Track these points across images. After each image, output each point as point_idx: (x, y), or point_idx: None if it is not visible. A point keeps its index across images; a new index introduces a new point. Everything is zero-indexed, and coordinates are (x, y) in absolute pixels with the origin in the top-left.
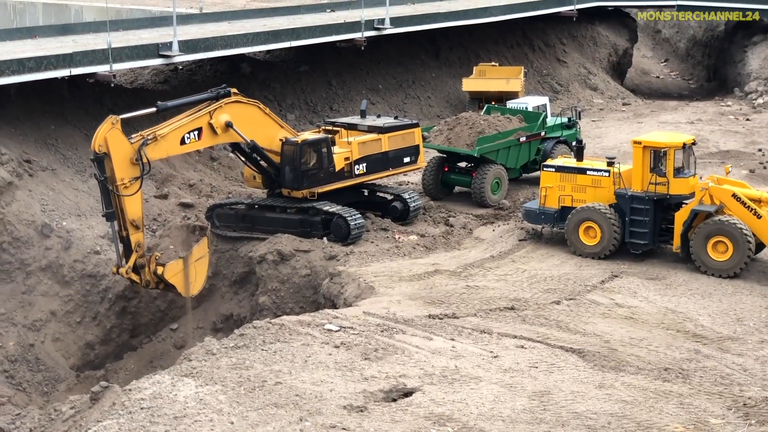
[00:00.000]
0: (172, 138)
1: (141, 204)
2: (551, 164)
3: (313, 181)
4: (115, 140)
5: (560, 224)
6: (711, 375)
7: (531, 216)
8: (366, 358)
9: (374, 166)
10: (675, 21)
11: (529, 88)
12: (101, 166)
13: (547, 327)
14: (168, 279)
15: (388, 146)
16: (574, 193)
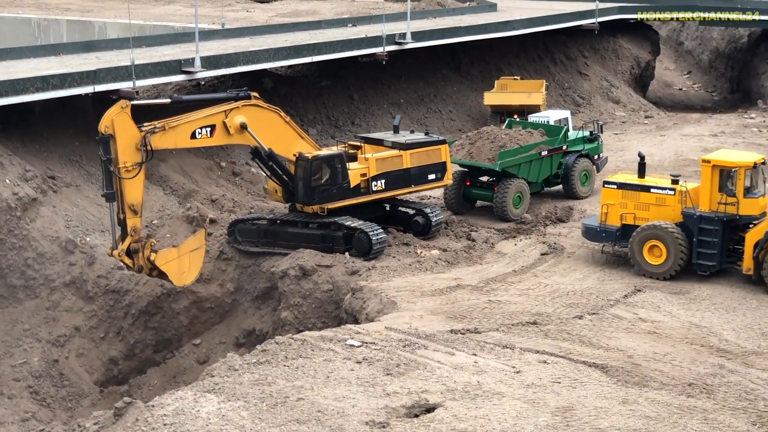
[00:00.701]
0: (183, 131)
1: (141, 190)
2: (613, 181)
3: (325, 196)
4: (121, 124)
5: (622, 242)
6: (735, 390)
7: (591, 233)
8: (388, 374)
9: (394, 182)
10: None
11: (551, 102)
12: (106, 147)
13: (569, 342)
14: (160, 266)
15: (410, 163)
16: (636, 210)
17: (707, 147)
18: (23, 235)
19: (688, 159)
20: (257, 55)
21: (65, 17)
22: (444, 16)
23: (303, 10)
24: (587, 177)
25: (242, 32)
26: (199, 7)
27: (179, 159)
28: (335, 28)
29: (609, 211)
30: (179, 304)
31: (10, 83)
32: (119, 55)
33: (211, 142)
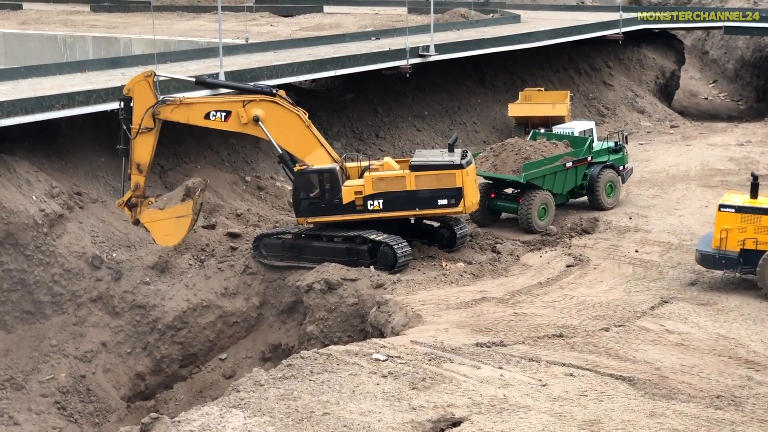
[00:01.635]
0: (198, 109)
1: (149, 153)
2: (730, 204)
3: (312, 210)
4: (140, 90)
5: (745, 268)
6: (764, 402)
7: (709, 261)
8: (414, 388)
9: (395, 203)
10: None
11: (576, 112)
12: (126, 107)
13: (596, 354)
14: (144, 223)
15: (416, 185)
16: (758, 235)
17: (733, 156)
18: (50, 252)
19: (714, 169)
20: (281, 69)
21: (91, 34)
22: (467, 28)
23: (326, 24)
24: (612, 188)
25: (266, 46)
26: (224, 22)
27: (204, 174)
28: (359, 41)
29: (727, 237)
30: (205, 318)
31: (36, 100)
32: (144, 70)
33: (224, 126)
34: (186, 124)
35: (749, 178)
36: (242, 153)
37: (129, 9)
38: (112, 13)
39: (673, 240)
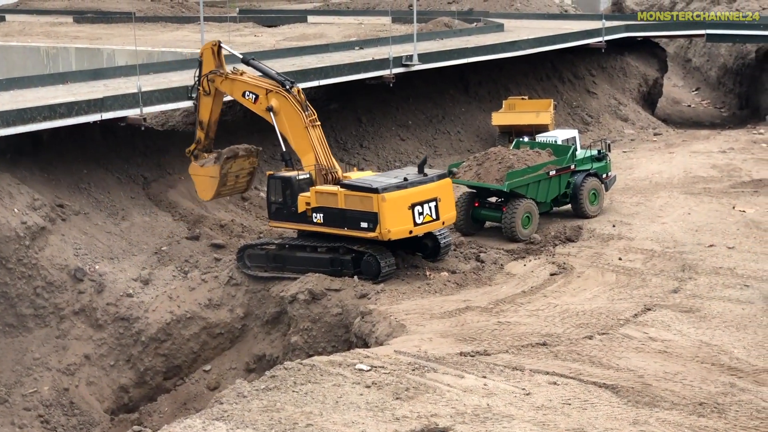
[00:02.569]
0: (238, 86)
1: (208, 112)
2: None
3: (277, 215)
4: (207, 56)
5: None
6: (747, 409)
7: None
8: (397, 398)
9: (331, 219)
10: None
11: (560, 121)
12: (200, 67)
13: (579, 363)
14: (190, 173)
15: (345, 204)
16: None
17: (716, 164)
18: (32, 264)
19: (697, 176)
20: None
21: (74, 45)
22: (451, 38)
23: (311, 34)
24: (596, 196)
25: (249, 57)
26: (207, 33)
27: (188, 185)
28: (342, 51)
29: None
30: (189, 330)
31: (17, 112)
32: (127, 82)
33: (252, 108)
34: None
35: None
36: None
37: (112, 20)
38: (95, 24)
39: (656, 247)
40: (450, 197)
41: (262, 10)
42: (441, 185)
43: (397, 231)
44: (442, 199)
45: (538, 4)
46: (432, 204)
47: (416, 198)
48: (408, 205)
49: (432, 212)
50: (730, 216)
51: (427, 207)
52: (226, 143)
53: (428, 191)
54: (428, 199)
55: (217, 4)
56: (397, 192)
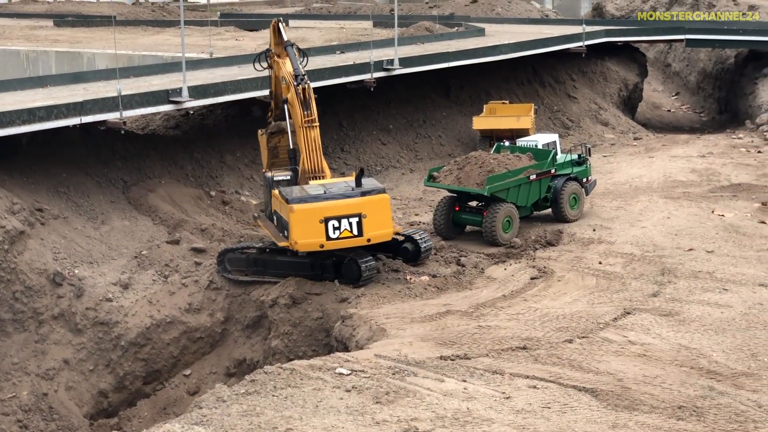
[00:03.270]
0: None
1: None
2: None
3: (265, 216)
4: (270, 31)
5: None
6: (725, 412)
7: None
8: (377, 402)
9: (279, 223)
10: (686, 54)
11: (541, 125)
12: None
13: (559, 366)
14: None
15: (279, 210)
16: None
17: (695, 168)
18: (11, 269)
19: (676, 180)
20: (245, 84)
21: (54, 49)
22: (432, 42)
23: (292, 38)
24: (576, 200)
25: (231, 61)
26: (188, 37)
27: (168, 189)
28: (323, 55)
29: None
30: (169, 334)
31: None
32: (107, 85)
33: (285, 93)
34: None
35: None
36: (207, 168)
37: (92, 24)
38: (75, 27)
39: (636, 251)
40: (383, 214)
41: (243, 14)
42: (369, 201)
43: (305, 243)
44: (370, 216)
45: (519, 9)
46: (354, 219)
47: (331, 212)
48: (320, 219)
49: (353, 228)
50: (709, 220)
51: (345, 222)
52: (206, 146)
53: (348, 206)
54: (348, 215)
55: (199, 8)
56: (306, 204)
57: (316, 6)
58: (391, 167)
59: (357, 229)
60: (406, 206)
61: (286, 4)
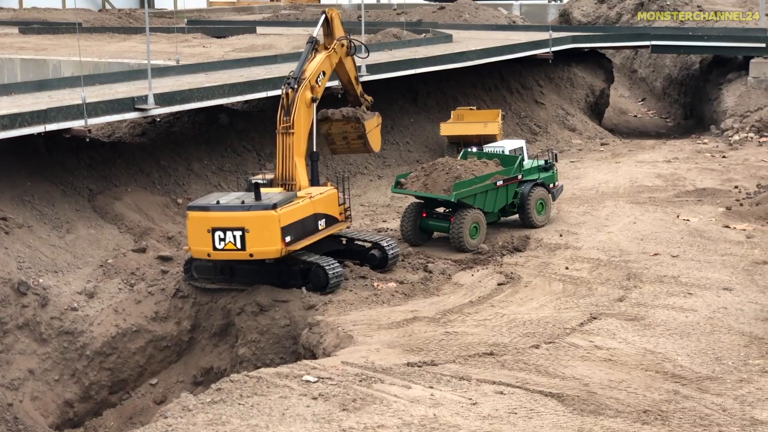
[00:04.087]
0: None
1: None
2: None
3: None
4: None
5: None
6: (690, 416)
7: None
8: (344, 409)
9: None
10: (651, 60)
11: (508, 131)
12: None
13: (526, 372)
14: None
15: None
16: None
17: (661, 173)
18: None
19: (642, 185)
20: (212, 91)
21: (19, 56)
22: (400, 48)
23: (259, 45)
24: (543, 206)
25: (197, 68)
26: (155, 44)
27: (134, 197)
28: (291, 62)
29: None
30: (135, 343)
31: None
32: (72, 93)
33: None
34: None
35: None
36: (174, 175)
37: (58, 31)
38: (41, 35)
39: (602, 256)
40: (270, 231)
41: (211, 21)
42: (253, 216)
43: (196, 251)
44: (253, 231)
45: (487, 16)
46: (237, 233)
47: (217, 223)
48: (207, 228)
49: (236, 241)
50: (675, 225)
51: (230, 235)
52: (172, 154)
53: (232, 219)
54: (232, 227)
55: (166, 14)
56: (198, 213)
57: (284, 12)
58: (359, 174)
59: (240, 243)
60: (374, 213)
61: (255, 11)
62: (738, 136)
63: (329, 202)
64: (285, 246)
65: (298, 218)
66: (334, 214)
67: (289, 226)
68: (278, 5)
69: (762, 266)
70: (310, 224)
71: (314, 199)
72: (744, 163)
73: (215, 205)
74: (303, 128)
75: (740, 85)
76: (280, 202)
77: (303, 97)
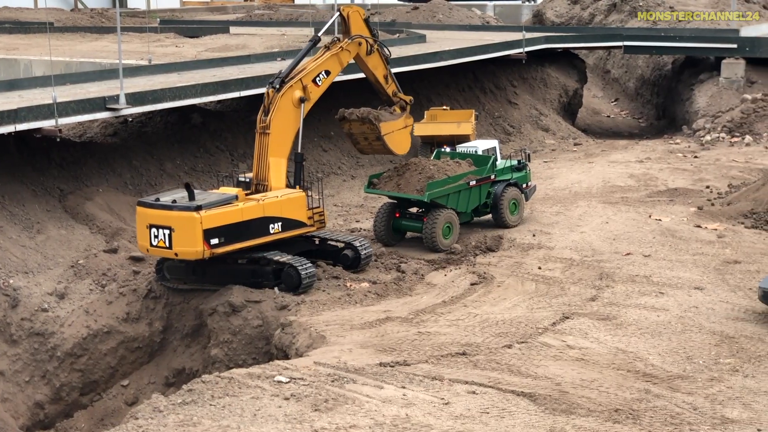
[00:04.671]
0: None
1: (365, 73)
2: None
3: None
4: (354, 18)
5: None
6: (661, 415)
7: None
8: (316, 410)
9: None
10: (624, 61)
11: (482, 131)
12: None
13: (498, 371)
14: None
15: None
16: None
17: (633, 173)
18: None
19: (615, 185)
20: (184, 91)
21: None
22: None
23: (233, 45)
24: (516, 206)
25: (170, 68)
26: (127, 43)
27: (106, 197)
28: (264, 62)
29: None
30: (106, 344)
31: None
32: (43, 93)
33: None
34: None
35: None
36: (146, 175)
37: (30, 30)
38: (12, 34)
39: (575, 256)
40: (192, 233)
41: (184, 21)
42: (177, 216)
43: (140, 245)
44: (178, 231)
45: (460, 16)
46: (166, 231)
47: (153, 220)
48: (146, 225)
49: (166, 240)
50: (647, 224)
51: (162, 232)
52: (145, 154)
53: (162, 217)
54: (162, 225)
55: (139, 14)
56: (140, 208)
57: (257, 13)
58: (332, 174)
59: (168, 242)
60: (347, 213)
61: (228, 11)
62: (710, 137)
63: (289, 206)
64: (209, 248)
65: (230, 221)
66: (297, 218)
67: (216, 228)
68: (252, 5)
69: (733, 266)
70: (254, 228)
71: (264, 202)
72: (715, 163)
73: (153, 203)
74: (282, 129)
75: (712, 85)
76: (207, 204)
77: (289, 97)
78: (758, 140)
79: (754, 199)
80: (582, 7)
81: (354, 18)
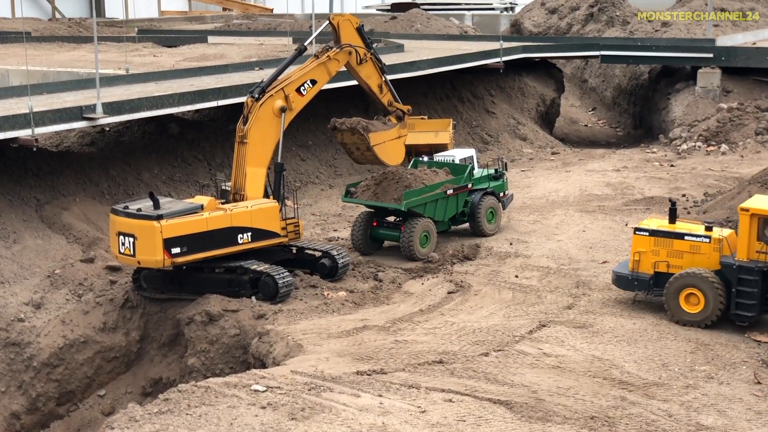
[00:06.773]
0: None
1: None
2: (645, 228)
3: None
4: (345, 27)
5: (655, 290)
6: (636, 422)
7: (622, 282)
8: (293, 419)
9: None
10: (601, 70)
11: (460, 140)
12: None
13: (475, 380)
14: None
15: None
16: (669, 258)
17: (610, 182)
18: None
19: (592, 194)
20: (161, 101)
21: None
22: None
23: (211, 54)
24: (493, 214)
25: (147, 77)
26: (105, 53)
27: (83, 206)
28: (242, 71)
29: (641, 259)
30: (83, 354)
31: None
32: (19, 102)
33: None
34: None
35: (668, 205)
36: (123, 185)
37: (7, 40)
38: None
39: (552, 264)
40: (152, 242)
41: (162, 30)
42: (138, 224)
43: (113, 252)
44: (140, 239)
45: (438, 26)
46: (130, 239)
47: (120, 228)
48: (116, 232)
49: (131, 248)
50: (623, 233)
51: (128, 240)
52: (122, 164)
53: (127, 225)
54: (127, 233)
55: (116, 24)
56: (112, 215)
57: (235, 22)
58: (310, 183)
59: (132, 249)
60: (325, 222)
61: (206, 21)
62: (686, 145)
63: (260, 216)
64: (169, 257)
65: (194, 231)
66: (269, 228)
67: (177, 238)
68: (230, 15)
69: None
70: (220, 237)
71: (232, 212)
72: (691, 171)
73: (121, 210)
74: (261, 138)
75: (688, 94)
76: (169, 213)
77: (269, 106)
78: (734, 149)
79: (729, 208)
80: (559, 17)
81: (344, 27)
